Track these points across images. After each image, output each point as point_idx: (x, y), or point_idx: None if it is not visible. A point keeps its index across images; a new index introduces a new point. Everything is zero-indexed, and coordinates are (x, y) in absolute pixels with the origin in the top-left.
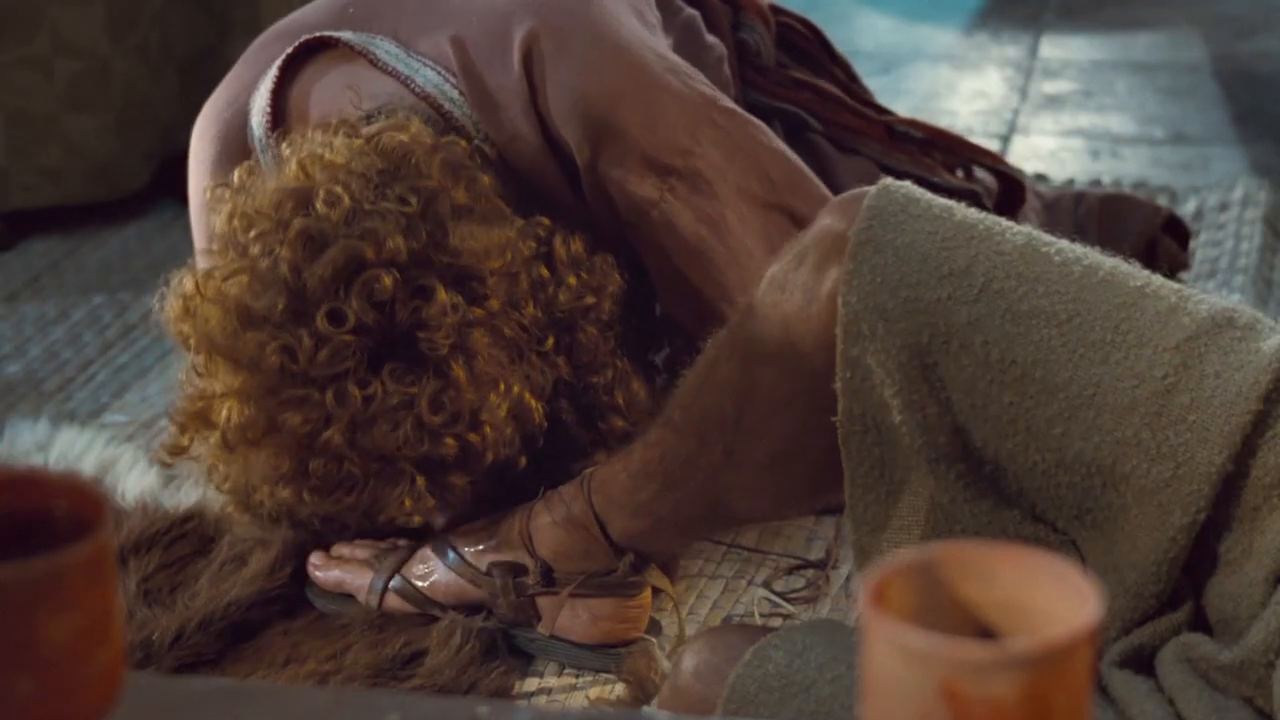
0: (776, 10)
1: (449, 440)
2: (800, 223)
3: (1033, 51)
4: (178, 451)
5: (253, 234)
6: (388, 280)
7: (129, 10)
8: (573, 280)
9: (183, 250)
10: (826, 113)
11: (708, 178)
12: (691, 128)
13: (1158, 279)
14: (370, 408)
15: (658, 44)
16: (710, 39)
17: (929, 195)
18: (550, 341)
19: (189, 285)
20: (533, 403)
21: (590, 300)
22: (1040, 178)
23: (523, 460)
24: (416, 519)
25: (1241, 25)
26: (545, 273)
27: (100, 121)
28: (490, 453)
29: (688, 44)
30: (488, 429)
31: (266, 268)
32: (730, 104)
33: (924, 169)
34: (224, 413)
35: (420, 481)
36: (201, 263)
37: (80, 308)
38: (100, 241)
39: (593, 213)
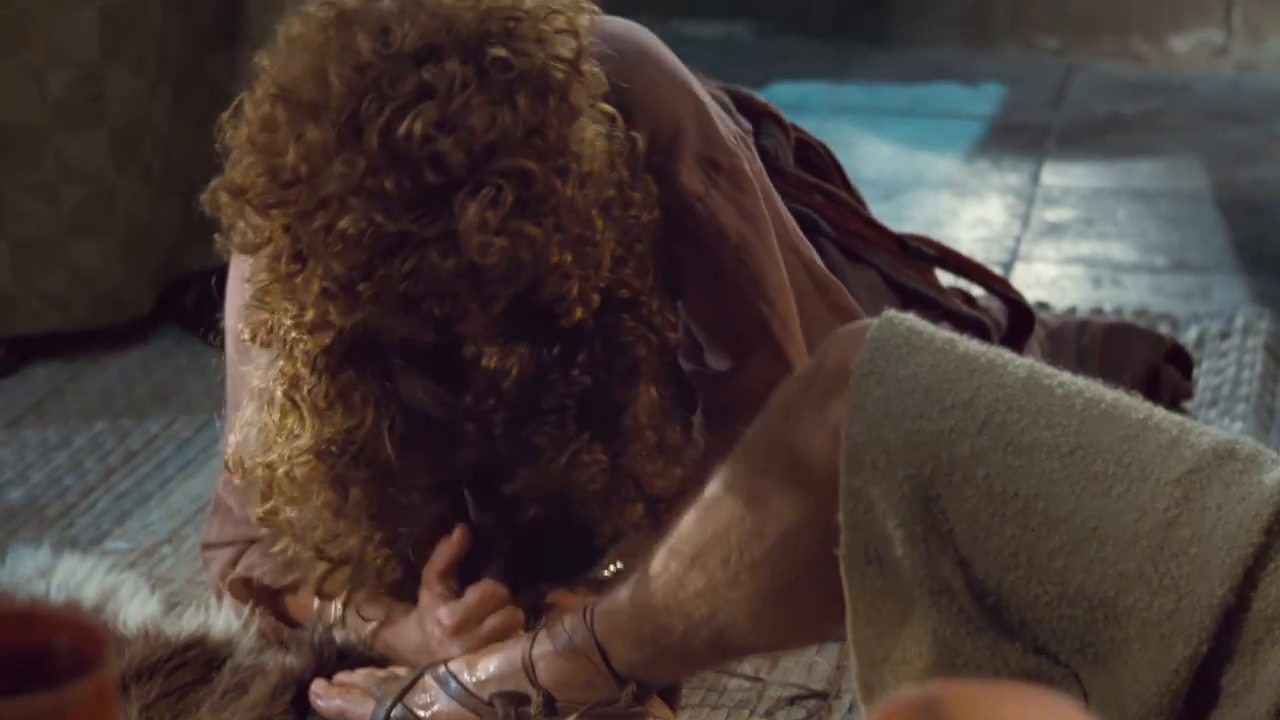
0: (794, 127)
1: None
2: (806, 264)
3: (1034, 179)
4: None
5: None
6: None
7: (133, 136)
8: (637, 196)
9: (186, 375)
10: (839, 219)
11: (749, 176)
12: (734, 145)
13: (1160, 411)
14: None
15: None
16: (742, 121)
17: (932, 328)
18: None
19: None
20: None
21: (648, 217)
22: (1042, 305)
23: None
24: (489, 360)
25: (1242, 153)
26: (626, 173)
27: (105, 247)
28: (574, 287)
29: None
30: (575, 257)
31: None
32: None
33: (932, 288)
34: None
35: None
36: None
37: (82, 434)
38: (103, 367)
39: None
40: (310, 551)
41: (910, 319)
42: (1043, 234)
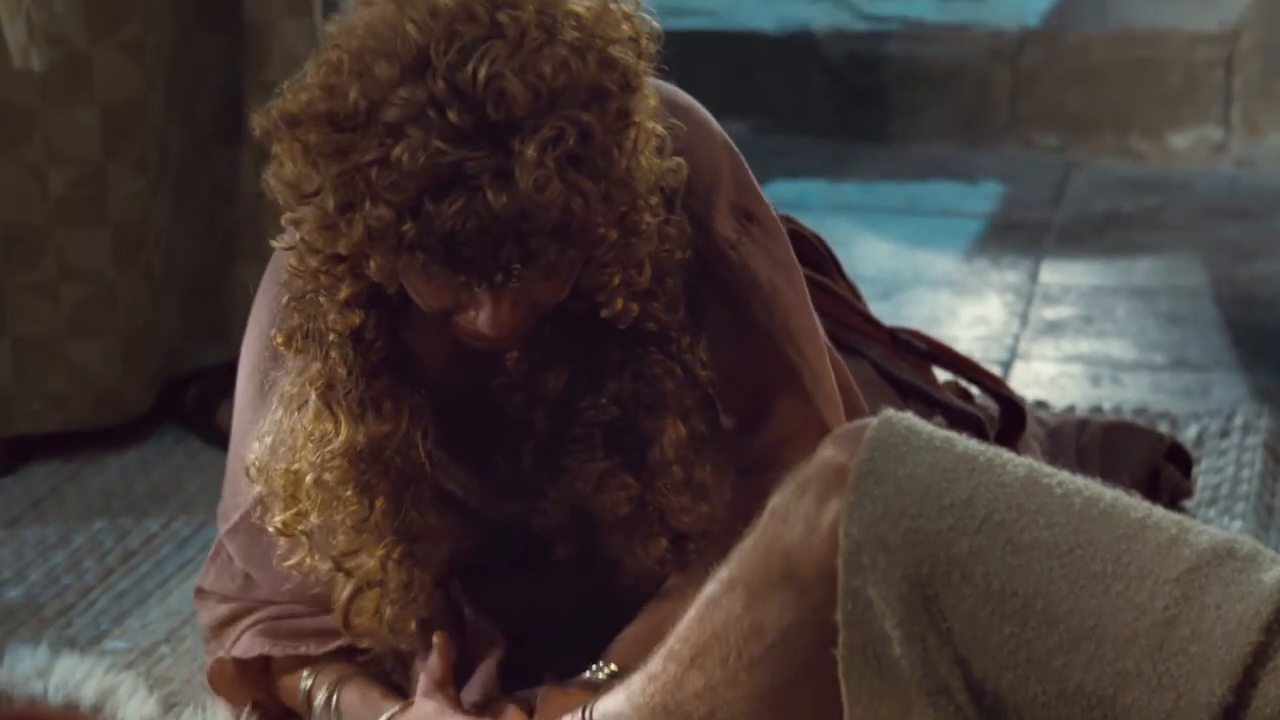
0: (787, 219)
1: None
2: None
3: (1033, 277)
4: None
5: None
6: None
7: (134, 235)
8: (672, 231)
9: (185, 474)
10: (833, 311)
11: (780, 227)
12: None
13: (1158, 510)
14: None
15: None
16: None
17: (930, 427)
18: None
19: None
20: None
21: (680, 255)
22: (1041, 404)
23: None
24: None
25: (1240, 250)
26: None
27: (105, 347)
28: (614, 237)
29: None
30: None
31: None
32: None
33: (926, 381)
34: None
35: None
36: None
37: (81, 533)
38: (102, 466)
39: None
40: (329, 564)
41: (908, 418)
42: (1042, 332)
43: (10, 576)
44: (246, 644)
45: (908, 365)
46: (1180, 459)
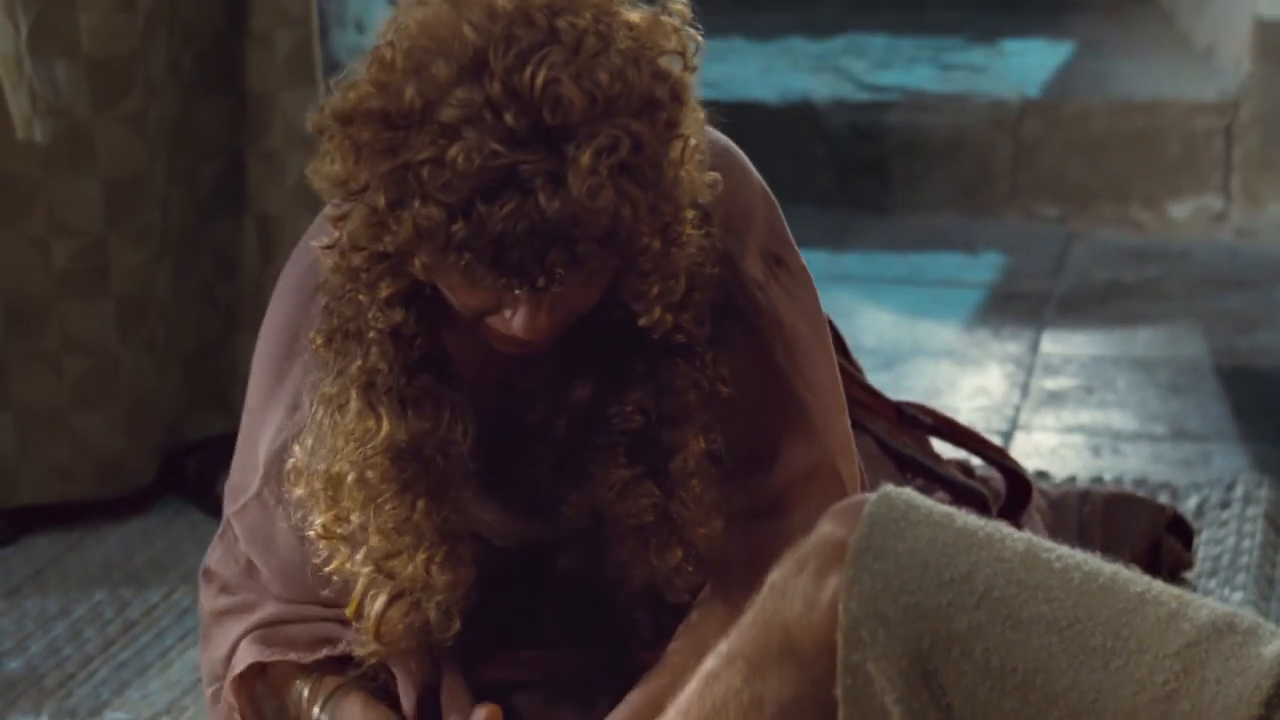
0: None
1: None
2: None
3: (1034, 347)
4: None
5: None
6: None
7: (137, 306)
8: (706, 245)
9: (186, 545)
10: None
11: (810, 278)
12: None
13: (1158, 584)
14: None
15: None
16: None
17: (929, 502)
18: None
19: None
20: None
21: (711, 270)
22: (1042, 475)
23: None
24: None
25: (1241, 321)
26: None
27: (108, 418)
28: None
29: None
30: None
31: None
32: None
33: (929, 456)
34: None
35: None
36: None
37: (82, 603)
38: (102, 536)
39: None
40: (370, 566)
41: (907, 493)
42: (1043, 403)
43: (11, 647)
44: (243, 654)
45: (911, 440)
46: (1181, 530)
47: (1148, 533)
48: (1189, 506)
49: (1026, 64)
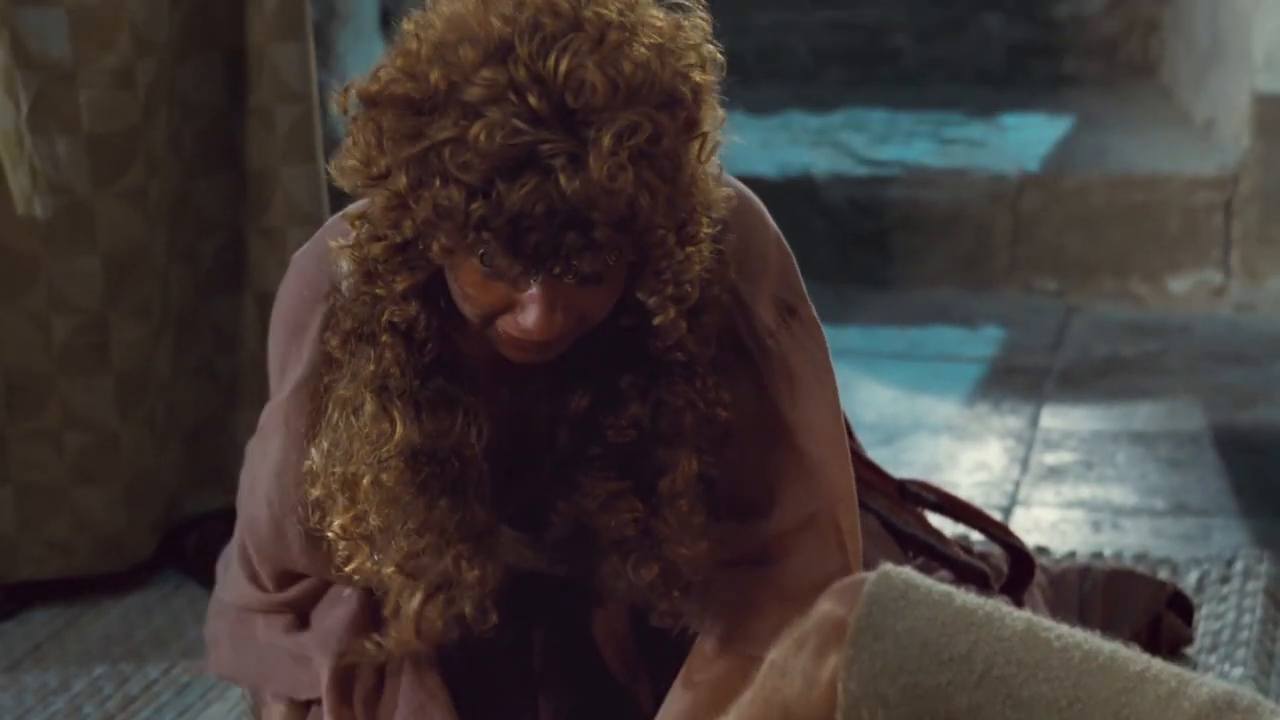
0: None
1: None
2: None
3: (1034, 422)
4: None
5: None
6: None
7: (137, 382)
8: (716, 264)
9: (186, 620)
10: None
11: (822, 332)
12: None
13: (1157, 663)
14: None
15: None
16: None
17: (929, 580)
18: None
19: None
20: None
21: (718, 291)
22: (1042, 550)
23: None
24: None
25: (1241, 395)
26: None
27: (108, 494)
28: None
29: None
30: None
31: None
32: None
33: (931, 535)
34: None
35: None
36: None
37: (81, 679)
38: (102, 611)
39: None
40: (391, 568)
41: (906, 572)
42: (1042, 478)
43: None
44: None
45: (913, 518)
46: (1182, 606)
47: (1149, 609)
48: (1189, 582)
49: (1026, 138)
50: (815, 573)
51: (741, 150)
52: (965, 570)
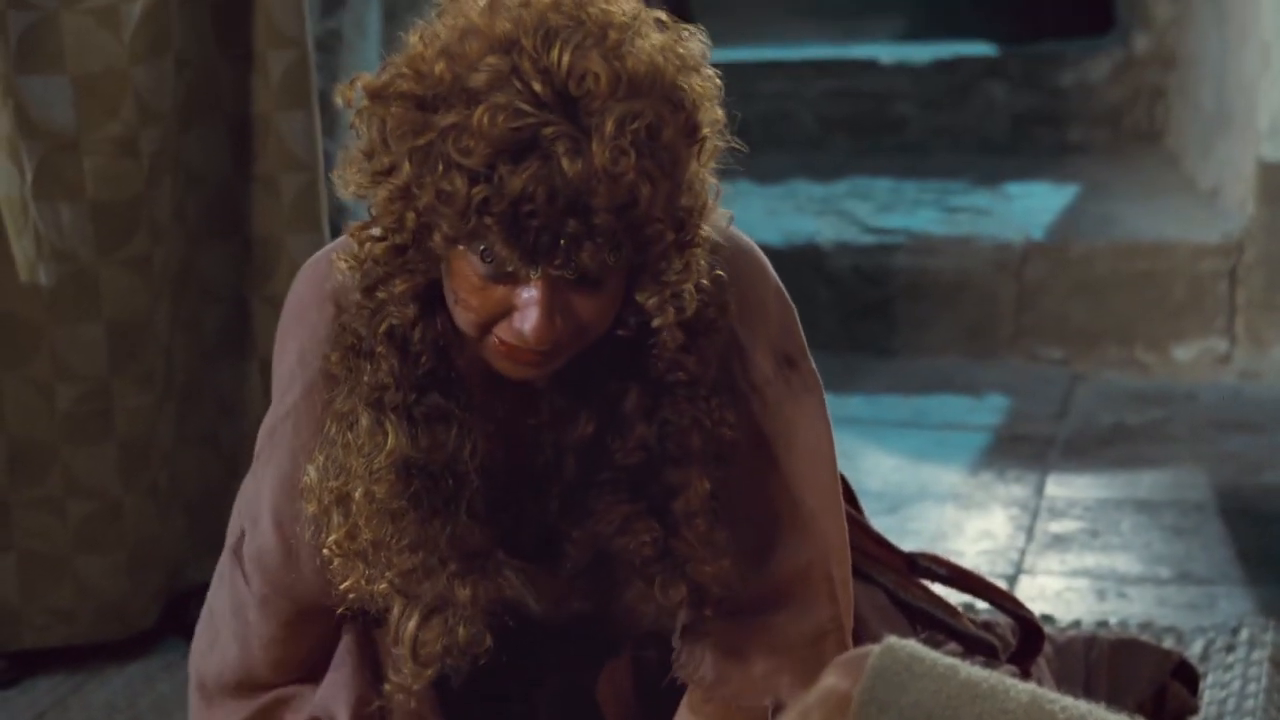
0: None
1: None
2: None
3: (1039, 490)
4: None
5: None
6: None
7: (140, 451)
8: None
9: (188, 689)
10: (850, 536)
11: (819, 384)
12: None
13: None
14: None
15: None
16: None
17: (934, 654)
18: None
19: None
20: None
21: (715, 314)
22: (1047, 619)
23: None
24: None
25: (1246, 463)
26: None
27: (111, 562)
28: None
29: None
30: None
31: None
32: None
33: (940, 607)
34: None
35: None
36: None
37: None
38: (105, 679)
39: None
40: (385, 584)
41: (911, 645)
42: (1047, 546)
43: None
44: None
45: (920, 592)
46: (1187, 676)
47: (1154, 679)
48: (1194, 651)
49: (1031, 206)
50: (806, 624)
51: (747, 219)
52: (974, 643)
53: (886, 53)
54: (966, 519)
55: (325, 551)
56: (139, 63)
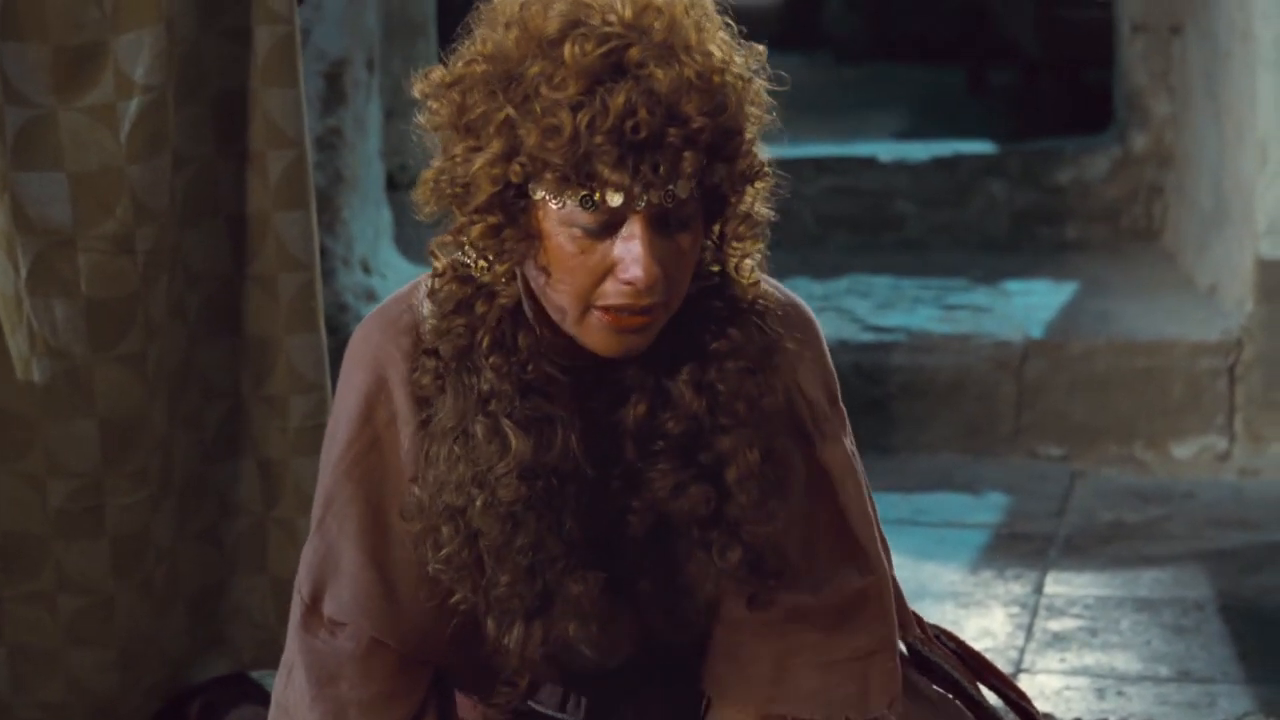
0: None
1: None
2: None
3: (1038, 589)
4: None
5: None
6: None
7: (134, 547)
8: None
9: None
10: None
11: (849, 431)
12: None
13: None
14: None
15: None
16: None
17: None
18: None
19: None
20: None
21: (765, 305)
22: (1047, 717)
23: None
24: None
25: (1245, 562)
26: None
27: (102, 657)
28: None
29: None
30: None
31: None
32: None
33: (959, 670)
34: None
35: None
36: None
37: None
38: None
39: None
40: (500, 590)
41: None
42: (1047, 644)
43: None
44: None
45: (943, 650)
46: None
47: None
48: None
49: (1030, 304)
50: (859, 641)
51: None
52: (984, 713)
53: (885, 150)
54: (966, 617)
55: (434, 568)
56: (136, 161)
